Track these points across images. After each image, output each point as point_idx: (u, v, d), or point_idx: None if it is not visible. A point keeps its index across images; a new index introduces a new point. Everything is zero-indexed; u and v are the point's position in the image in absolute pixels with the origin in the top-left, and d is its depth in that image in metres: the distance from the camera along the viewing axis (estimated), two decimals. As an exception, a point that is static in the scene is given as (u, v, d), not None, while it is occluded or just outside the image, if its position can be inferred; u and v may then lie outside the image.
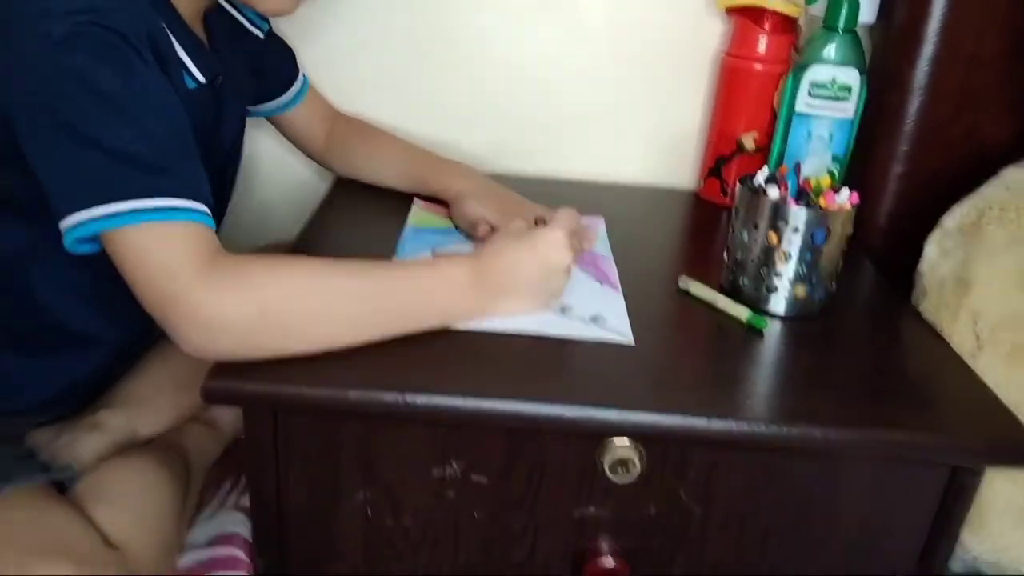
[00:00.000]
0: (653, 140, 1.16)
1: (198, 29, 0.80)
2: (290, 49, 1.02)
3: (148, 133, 0.63)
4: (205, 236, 0.64)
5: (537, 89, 1.14)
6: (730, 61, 1.06)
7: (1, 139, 0.65)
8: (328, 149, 1.06)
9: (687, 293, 0.84)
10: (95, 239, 0.64)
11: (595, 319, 0.77)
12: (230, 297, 0.62)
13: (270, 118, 1.03)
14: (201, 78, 0.76)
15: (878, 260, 0.98)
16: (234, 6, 0.88)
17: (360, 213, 0.99)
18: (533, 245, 0.74)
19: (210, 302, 0.62)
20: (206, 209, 0.65)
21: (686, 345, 0.78)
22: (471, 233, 0.92)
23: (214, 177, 0.73)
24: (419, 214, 0.97)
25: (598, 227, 0.98)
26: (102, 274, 0.65)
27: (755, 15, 1.02)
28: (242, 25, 0.89)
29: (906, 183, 0.99)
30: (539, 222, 0.79)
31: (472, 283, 0.72)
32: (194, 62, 0.75)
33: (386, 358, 0.68)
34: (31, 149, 0.64)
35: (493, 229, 0.90)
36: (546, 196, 0.94)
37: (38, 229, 0.69)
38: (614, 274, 0.87)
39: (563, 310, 0.78)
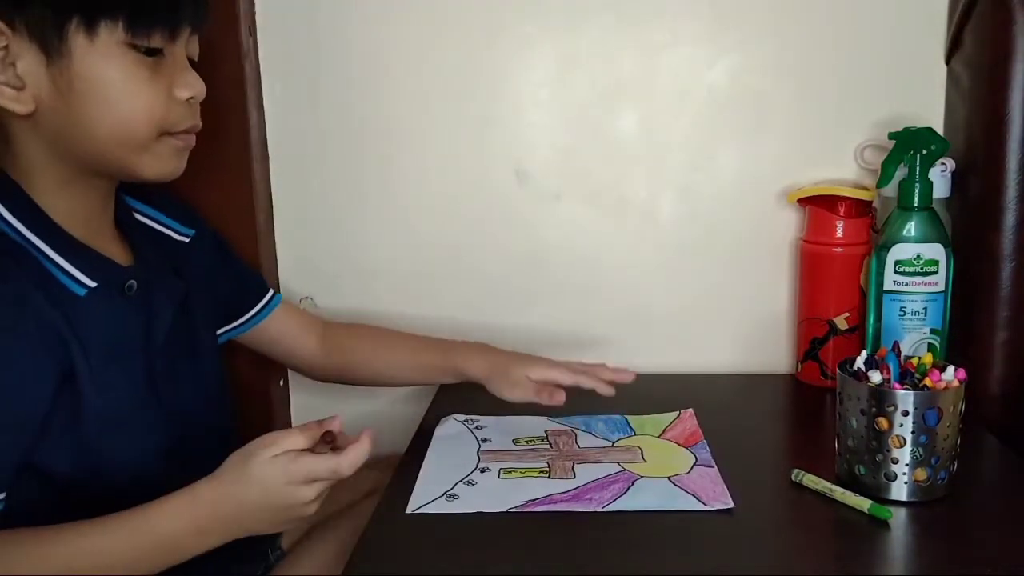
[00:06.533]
0: (742, 327, 1.17)
1: (103, 240, 0.81)
2: (243, 263, 1.03)
3: None
4: None
5: (618, 288, 1.17)
6: (808, 247, 1.08)
7: None
8: (327, 355, 1.05)
9: (800, 485, 0.81)
10: None
11: None
12: None
13: (251, 338, 1.02)
14: (89, 282, 0.76)
15: (998, 430, 0.94)
16: (153, 217, 0.91)
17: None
18: (277, 488, 0.71)
19: None
20: None
21: (808, 544, 0.75)
22: (539, 400, 0.93)
23: (145, 375, 0.79)
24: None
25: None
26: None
27: (828, 203, 1.05)
28: (161, 232, 0.91)
29: (1012, 348, 0.97)
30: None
31: (193, 535, 0.70)
32: (79, 269, 0.76)
33: None
34: None
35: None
36: (641, 391, 0.96)
37: None
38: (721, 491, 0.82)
39: None
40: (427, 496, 0.81)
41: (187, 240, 0.93)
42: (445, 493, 0.82)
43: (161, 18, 0.75)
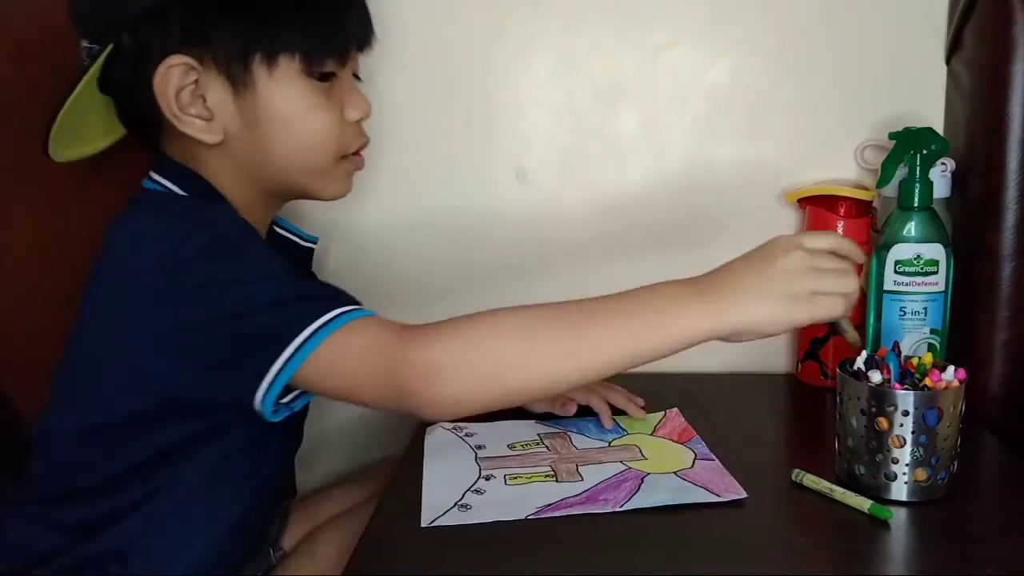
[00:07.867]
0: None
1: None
2: None
3: (283, 283, 0.71)
4: (382, 320, 0.70)
5: (618, 288, 1.12)
6: (809, 246, 1.08)
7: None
8: None
9: (800, 485, 0.81)
10: (288, 396, 0.70)
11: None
12: (436, 345, 0.67)
13: None
14: None
15: (998, 430, 0.94)
16: (284, 227, 0.94)
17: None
18: (762, 249, 0.74)
19: (419, 357, 0.67)
20: (363, 307, 0.71)
21: (808, 544, 0.75)
22: (553, 409, 0.97)
23: None
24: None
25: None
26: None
27: (828, 203, 1.05)
28: (292, 240, 0.95)
29: (1012, 348, 0.97)
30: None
31: (691, 295, 0.72)
32: None
33: None
34: (198, 356, 0.70)
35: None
36: (638, 391, 0.97)
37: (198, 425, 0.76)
38: (730, 482, 0.82)
39: None
40: (439, 508, 0.78)
41: (313, 247, 0.97)
42: (456, 504, 0.79)
43: (332, 45, 0.78)
